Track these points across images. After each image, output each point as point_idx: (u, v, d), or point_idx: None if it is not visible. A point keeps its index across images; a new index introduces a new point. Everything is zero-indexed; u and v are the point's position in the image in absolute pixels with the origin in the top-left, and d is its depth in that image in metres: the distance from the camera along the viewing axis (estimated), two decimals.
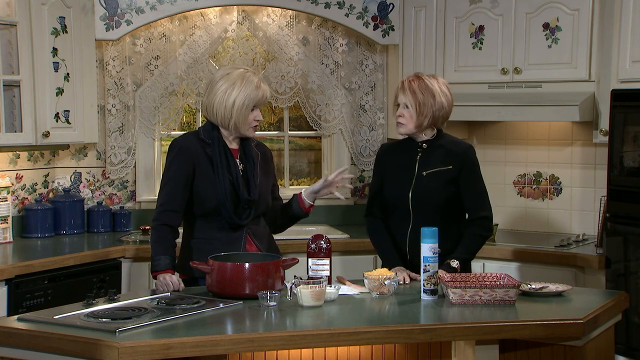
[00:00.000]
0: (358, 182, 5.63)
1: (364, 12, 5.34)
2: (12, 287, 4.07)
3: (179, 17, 5.24)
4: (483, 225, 3.73)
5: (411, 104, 3.69)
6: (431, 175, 3.72)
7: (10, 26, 4.51)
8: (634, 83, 4.32)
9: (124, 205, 5.30)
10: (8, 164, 4.87)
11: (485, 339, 3.00)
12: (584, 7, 4.62)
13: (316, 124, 5.51)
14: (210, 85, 3.63)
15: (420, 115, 3.68)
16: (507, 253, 4.63)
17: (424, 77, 3.73)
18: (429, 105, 3.67)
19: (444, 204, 3.71)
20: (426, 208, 3.70)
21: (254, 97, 3.56)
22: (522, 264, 4.57)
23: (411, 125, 3.71)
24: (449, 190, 3.71)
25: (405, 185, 3.74)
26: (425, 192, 3.71)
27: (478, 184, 3.76)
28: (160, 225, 3.54)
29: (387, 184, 3.83)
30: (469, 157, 3.75)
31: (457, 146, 3.77)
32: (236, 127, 3.59)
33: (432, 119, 3.70)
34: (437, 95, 3.68)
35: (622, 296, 3.43)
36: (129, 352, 2.65)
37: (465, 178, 3.72)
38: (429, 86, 3.68)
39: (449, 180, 3.71)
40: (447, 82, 3.80)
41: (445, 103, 3.71)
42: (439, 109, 3.69)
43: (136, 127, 5.27)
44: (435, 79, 3.75)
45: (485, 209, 3.74)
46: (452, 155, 3.73)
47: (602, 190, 4.63)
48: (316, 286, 3.14)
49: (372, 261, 4.87)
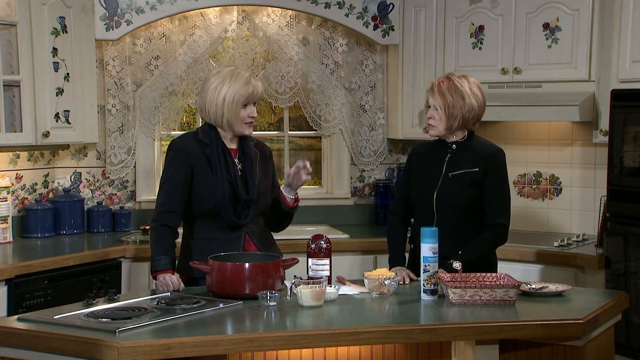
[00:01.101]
0: (358, 182, 5.63)
1: (364, 12, 5.34)
2: (12, 287, 4.07)
3: (179, 17, 5.24)
4: (497, 232, 3.67)
5: (440, 106, 3.66)
6: (457, 177, 3.68)
7: (10, 26, 4.51)
8: (634, 83, 4.32)
9: (124, 205, 5.30)
10: (8, 164, 4.87)
11: (485, 339, 3.00)
12: (584, 7, 4.62)
13: (316, 124, 5.51)
14: (202, 85, 3.64)
15: (450, 117, 3.65)
16: (508, 253, 4.62)
17: (454, 78, 3.69)
18: (459, 107, 3.64)
19: (466, 207, 3.66)
20: (449, 209, 3.66)
21: (244, 92, 3.55)
22: (522, 264, 4.56)
23: (441, 127, 3.68)
24: (472, 193, 3.66)
25: (431, 186, 3.71)
26: (449, 193, 3.67)
27: (501, 190, 3.69)
28: (159, 226, 3.54)
29: (414, 183, 3.80)
30: (497, 160, 3.69)
31: (486, 149, 3.72)
32: (229, 124, 3.58)
33: (463, 121, 3.66)
34: (467, 96, 3.65)
35: (622, 296, 3.43)
36: (129, 352, 2.65)
37: (489, 182, 3.66)
38: (459, 87, 3.65)
39: (473, 182, 3.66)
40: (479, 82, 3.75)
41: (476, 104, 3.67)
42: (468, 111, 3.65)
43: (136, 127, 5.27)
44: (466, 79, 3.70)
45: (503, 217, 3.67)
46: (479, 158, 3.68)
47: (602, 190, 4.63)
48: (316, 286, 3.14)
49: (372, 261, 4.87)
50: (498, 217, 3.66)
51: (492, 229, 3.66)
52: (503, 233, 3.70)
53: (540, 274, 4.49)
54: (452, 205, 3.66)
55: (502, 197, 3.70)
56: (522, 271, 4.50)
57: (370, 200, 5.62)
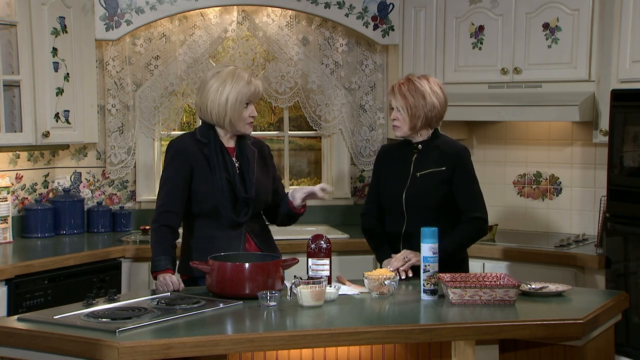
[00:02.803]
0: (358, 182, 5.63)
1: (364, 12, 5.34)
2: (12, 287, 4.07)
3: (179, 17, 5.24)
4: (475, 225, 3.71)
5: (402, 107, 3.70)
6: (425, 176, 3.73)
7: (10, 26, 4.51)
8: (634, 83, 4.31)
9: (124, 205, 5.30)
10: (8, 164, 4.87)
11: (485, 339, 3.00)
12: (584, 7, 4.62)
13: (316, 124, 5.51)
14: (201, 86, 3.65)
15: (413, 118, 3.69)
16: (507, 253, 4.62)
17: (414, 78, 3.74)
18: (420, 106, 3.68)
19: (437, 205, 3.71)
20: (419, 209, 3.70)
21: (246, 92, 3.57)
22: (522, 264, 4.56)
23: (405, 127, 3.73)
24: (442, 191, 3.70)
25: (400, 186, 3.75)
26: (419, 193, 3.71)
27: (471, 186, 3.74)
28: (159, 227, 3.54)
29: (383, 184, 3.84)
30: (462, 158, 3.75)
31: (451, 147, 3.77)
32: (232, 124, 3.59)
33: (425, 120, 3.71)
34: (428, 95, 3.69)
35: (622, 296, 3.43)
36: (129, 352, 2.66)
37: (458, 179, 3.71)
38: (419, 88, 3.69)
39: (442, 181, 3.71)
40: (440, 81, 3.80)
41: (437, 103, 3.71)
42: (430, 110, 3.69)
43: (136, 127, 5.27)
44: (426, 79, 3.75)
45: (478, 210, 3.72)
46: (445, 156, 3.73)
47: (602, 190, 4.63)
48: (316, 286, 3.14)
49: (372, 261, 4.86)
50: (474, 211, 3.70)
51: (471, 221, 3.70)
52: (481, 226, 3.73)
53: (540, 274, 4.49)
54: (421, 205, 3.70)
55: (474, 191, 3.74)
56: (522, 271, 4.50)
57: None
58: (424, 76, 3.78)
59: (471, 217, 3.70)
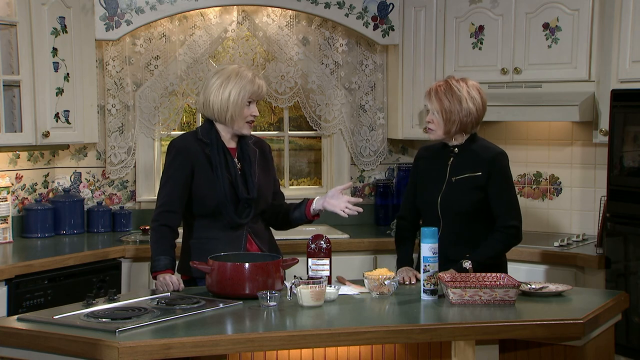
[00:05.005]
0: (358, 182, 5.63)
1: (363, 12, 5.34)
2: (12, 287, 4.07)
3: (179, 17, 5.24)
4: (509, 233, 3.65)
5: (437, 111, 3.63)
6: (460, 182, 3.66)
7: (10, 26, 4.50)
8: (634, 83, 4.31)
9: (124, 205, 5.30)
10: (8, 164, 4.87)
11: (485, 339, 3.00)
12: (584, 7, 4.63)
13: (316, 124, 5.51)
14: (205, 83, 3.66)
15: (448, 122, 3.62)
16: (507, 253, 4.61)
17: (452, 82, 3.65)
18: (456, 111, 3.61)
19: (471, 211, 3.64)
20: (454, 215, 3.64)
21: (250, 89, 3.58)
22: (522, 264, 4.56)
23: (440, 131, 3.66)
24: (477, 197, 3.63)
25: (435, 191, 3.69)
26: (453, 198, 3.65)
27: (507, 192, 3.66)
28: (159, 226, 3.54)
29: (419, 189, 3.79)
30: (498, 163, 3.66)
31: (487, 152, 3.69)
32: (232, 121, 3.59)
33: (460, 125, 3.63)
34: (464, 101, 3.61)
35: (622, 296, 3.43)
36: (129, 352, 2.66)
37: (494, 185, 3.63)
38: (456, 92, 3.61)
39: (477, 186, 3.64)
40: (478, 84, 3.71)
41: (474, 108, 3.63)
42: (466, 115, 3.62)
43: (136, 127, 5.27)
44: (465, 82, 3.66)
45: (514, 218, 3.65)
46: (481, 161, 3.65)
47: (602, 190, 4.63)
48: (316, 286, 3.14)
49: (372, 261, 4.87)
50: (508, 219, 3.64)
51: (504, 230, 3.64)
52: (516, 234, 3.67)
53: (540, 274, 4.49)
54: (456, 210, 3.64)
55: (509, 198, 3.67)
56: (522, 271, 4.50)
57: (370, 200, 5.61)
58: (462, 79, 3.69)
59: (507, 224, 3.63)
